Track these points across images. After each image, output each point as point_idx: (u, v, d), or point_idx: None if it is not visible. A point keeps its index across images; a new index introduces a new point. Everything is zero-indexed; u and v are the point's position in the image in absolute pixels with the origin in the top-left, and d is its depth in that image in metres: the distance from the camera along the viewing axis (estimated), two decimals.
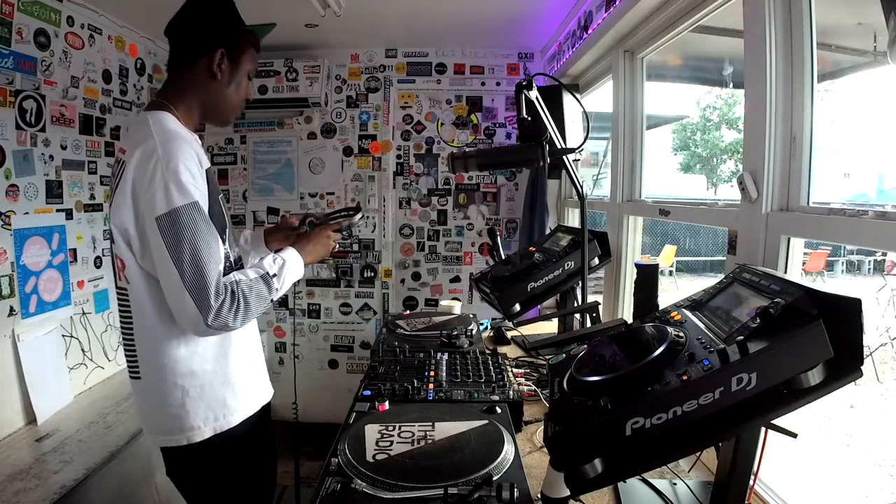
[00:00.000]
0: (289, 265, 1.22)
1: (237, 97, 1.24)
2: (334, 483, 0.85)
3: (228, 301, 1.07)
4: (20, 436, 1.88)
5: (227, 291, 1.08)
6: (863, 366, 0.65)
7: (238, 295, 1.09)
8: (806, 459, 3.12)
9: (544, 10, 2.42)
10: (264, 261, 1.20)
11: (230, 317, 1.07)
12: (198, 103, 1.21)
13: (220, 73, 1.18)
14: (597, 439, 0.69)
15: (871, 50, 1.40)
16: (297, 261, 1.25)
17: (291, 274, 1.22)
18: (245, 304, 1.10)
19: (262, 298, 1.14)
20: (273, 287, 1.16)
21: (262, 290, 1.14)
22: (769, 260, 1.12)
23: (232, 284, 1.09)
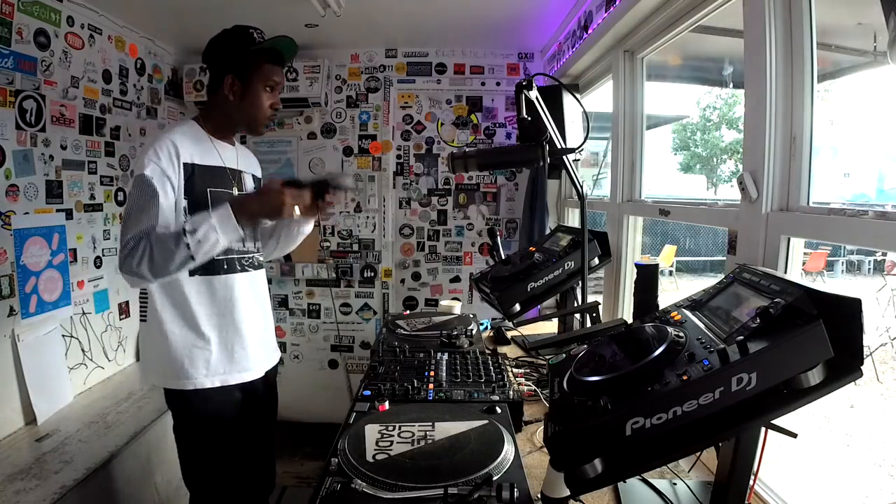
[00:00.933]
0: (215, 220, 1.28)
1: (256, 109, 1.45)
2: (334, 483, 0.85)
3: (133, 250, 1.25)
4: (20, 436, 1.88)
5: (137, 242, 1.26)
6: (863, 366, 0.65)
7: (144, 246, 1.25)
8: (806, 459, 3.12)
9: (544, 10, 2.42)
10: (196, 215, 1.32)
11: (133, 264, 1.25)
12: (224, 119, 1.49)
13: (234, 95, 1.43)
14: (597, 439, 0.69)
15: (871, 50, 1.40)
16: (225, 216, 1.29)
17: (217, 229, 1.27)
18: (150, 255, 1.25)
19: (168, 251, 1.24)
20: (183, 241, 1.25)
21: (169, 244, 1.25)
22: (769, 260, 1.12)
23: (144, 236, 1.26)
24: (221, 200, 1.37)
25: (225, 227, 1.29)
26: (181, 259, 1.25)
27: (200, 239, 1.25)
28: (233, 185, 1.50)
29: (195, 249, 1.25)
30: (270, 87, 1.46)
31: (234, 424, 1.48)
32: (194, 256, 1.26)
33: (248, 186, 1.57)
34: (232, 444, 1.47)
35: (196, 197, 1.38)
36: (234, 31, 1.44)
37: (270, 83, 1.45)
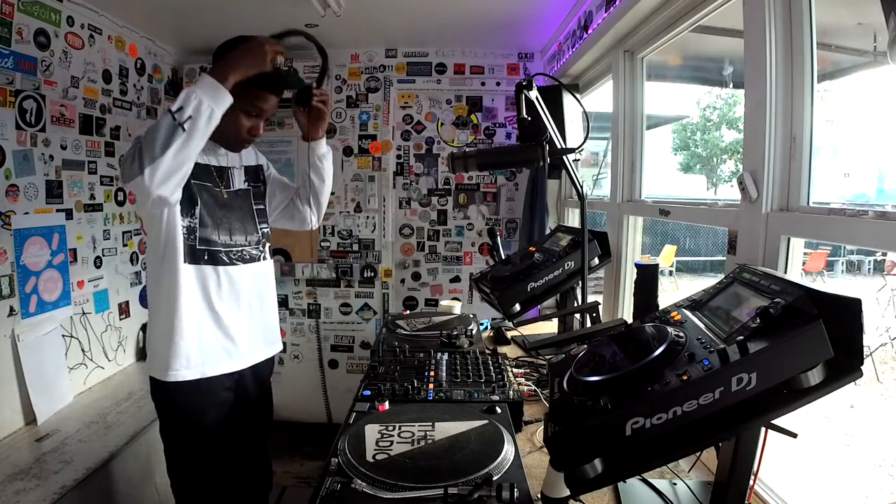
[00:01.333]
0: (197, 89, 1.20)
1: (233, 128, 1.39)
2: (334, 483, 0.85)
3: (131, 153, 1.18)
4: (20, 436, 1.88)
5: (133, 147, 1.19)
6: (863, 366, 0.65)
7: (136, 143, 1.18)
8: (806, 459, 3.12)
9: (544, 10, 2.42)
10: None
11: (129, 165, 1.17)
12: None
13: None
14: (597, 439, 0.69)
15: (871, 50, 1.40)
16: (205, 79, 1.22)
17: (198, 91, 1.19)
18: (146, 144, 1.16)
19: (154, 129, 1.16)
20: (167, 114, 1.17)
21: (160, 124, 1.17)
22: (769, 260, 1.12)
23: (137, 138, 1.20)
24: (204, 196, 1.40)
25: (205, 86, 1.20)
26: (167, 129, 1.16)
27: (182, 105, 1.17)
28: (219, 183, 1.46)
29: (179, 115, 1.16)
30: (254, 113, 1.41)
31: (220, 422, 1.45)
32: (182, 125, 1.16)
33: (238, 183, 1.53)
34: (218, 444, 1.45)
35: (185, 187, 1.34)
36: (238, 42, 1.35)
37: (254, 109, 1.40)
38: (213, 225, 1.43)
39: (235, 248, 1.49)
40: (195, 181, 1.38)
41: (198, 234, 1.40)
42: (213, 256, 1.43)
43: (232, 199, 1.49)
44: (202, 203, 1.40)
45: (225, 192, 1.47)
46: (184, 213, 1.38)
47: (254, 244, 1.54)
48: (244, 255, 1.52)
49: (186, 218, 1.38)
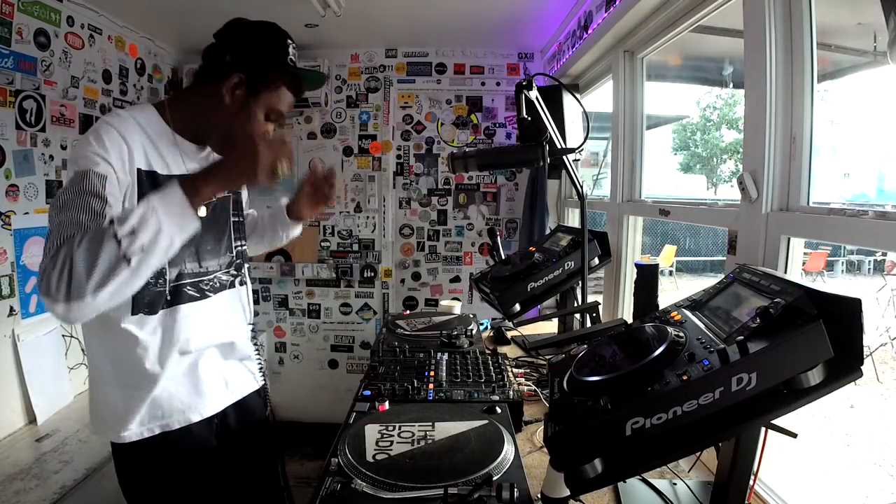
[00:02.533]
0: (156, 199, 0.90)
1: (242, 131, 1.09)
2: (334, 483, 0.85)
3: (52, 262, 0.85)
4: (20, 436, 1.88)
5: (57, 250, 0.86)
6: (863, 366, 0.65)
7: (66, 253, 0.85)
8: (806, 459, 3.12)
9: (544, 10, 2.43)
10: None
11: (52, 281, 0.84)
12: (197, 118, 1.13)
13: (231, 99, 1.09)
14: (597, 439, 0.69)
15: (871, 50, 1.40)
16: (170, 192, 0.92)
17: (159, 211, 0.89)
18: (69, 264, 0.84)
19: (92, 252, 0.84)
20: (110, 232, 0.85)
21: (100, 248, 0.85)
22: (769, 260, 1.12)
23: (67, 241, 0.87)
24: None
25: (170, 207, 0.90)
26: (109, 259, 0.85)
27: (135, 226, 0.86)
28: None
29: (127, 243, 0.85)
30: (274, 116, 1.15)
31: (201, 478, 1.17)
32: (128, 255, 0.85)
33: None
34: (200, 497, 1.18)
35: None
36: (271, 30, 1.14)
37: (276, 113, 1.15)
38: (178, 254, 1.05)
39: (205, 278, 1.18)
40: None
41: (167, 275, 1.09)
42: (176, 295, 1.12)
43: (209, 214, 1.17)
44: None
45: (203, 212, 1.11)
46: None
47: (225, 268, 1.23)
48: (214, 283, 1.20)
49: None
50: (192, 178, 0.96)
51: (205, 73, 1.13)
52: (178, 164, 1.11)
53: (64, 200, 0.93)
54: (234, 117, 1.10)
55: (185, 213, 0.92)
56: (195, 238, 1.03)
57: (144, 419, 1.11)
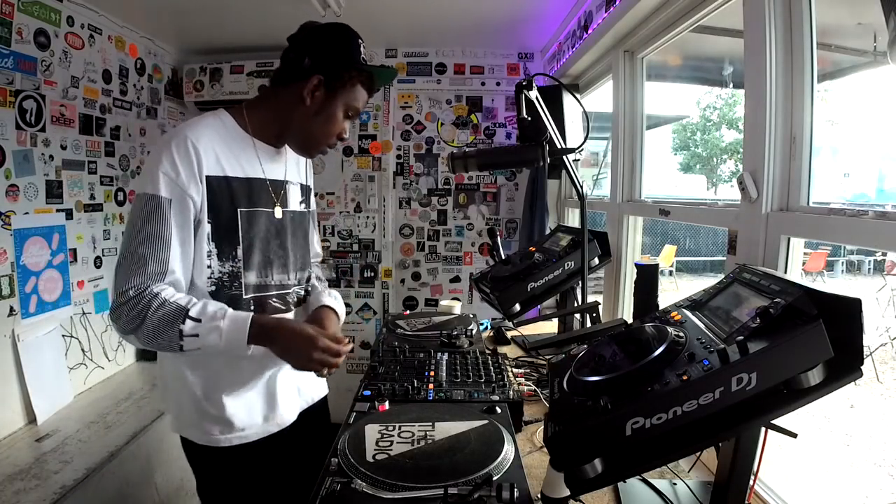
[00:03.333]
0: (225, 325, 1.01)
1: (323, 130, 1.17)
2: (334, 483, 0.85)
3: (131, 305, 0.99)
4: (20, 436, 1.88)
5: (137, 299, 1.00)
6: (863, 366, 0.65)
7: (143, 308, 0.99)
8: (806, 459, 3.12)
9: (544, 10, 2.42)
10: (211, 302, 1.05)
11: (122, 322, 1.00)
12: (277, 120, 1.18)
13: (311, 101, 1.14)
14: (597, 439, 0.69)
15: (871, 50, 1.40)
16: (237, 329, 1.02)
17: (224, 336, 1.01)
18: (142, 321, 0.99)
19: (160, 328, 1.00)
20: (177, 327, 0.99)
21: (164, 319, 1.00)
22: (769, 260, 1.12)
23: (148, 296, 1.00)
24: (258, 225, 1.15)
25: (234, 334, 1.01)
26: (167, 343, 1.01)
27: (199, 334, 1.00)
28: (275, 202, 1.20)
29: (188, 343, 1.00)
30: (352, 113, 1.19)
31: (272, 480, 1.24)
32: (183, 348, 1.01)
33: (293, 202, 1.26)
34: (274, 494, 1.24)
35: (223, 219, 1.10)
36: (345, 32, 1.19)
37: (353, 109, 1.19)
38: (262, 262, 1.17)
39: (289, 290, 1.24)
40: (243, 208, 1.12)
41: (242, 279, 1.13)
42: (261, 305, 1.17)
43: (288, 223, 1.23)
44: (252, 234, 1.14)
45: (280, 213, 1.21)
46: (222, 257, 1.11)
47: (304, 282, 1.31)
48: (293, 297, 1.25)
49: (227, 262, 1.12)
50: (262, 324, 1.04)
51: (282, 77, 1.17)
52: (255, 167, 1.16)
53: (134, 226, 1.03)
54: (314, 117, 1.15)
55: (241, 345, 1.02)
56: (279, 249, 1.20)
57: (224, 428, 1.15)
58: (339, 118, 1.17)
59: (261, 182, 1.17)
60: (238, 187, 1.12)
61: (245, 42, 2.84)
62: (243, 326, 1.02)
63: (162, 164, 1.03)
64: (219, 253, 1.11)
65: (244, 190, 1.13)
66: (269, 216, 1.18)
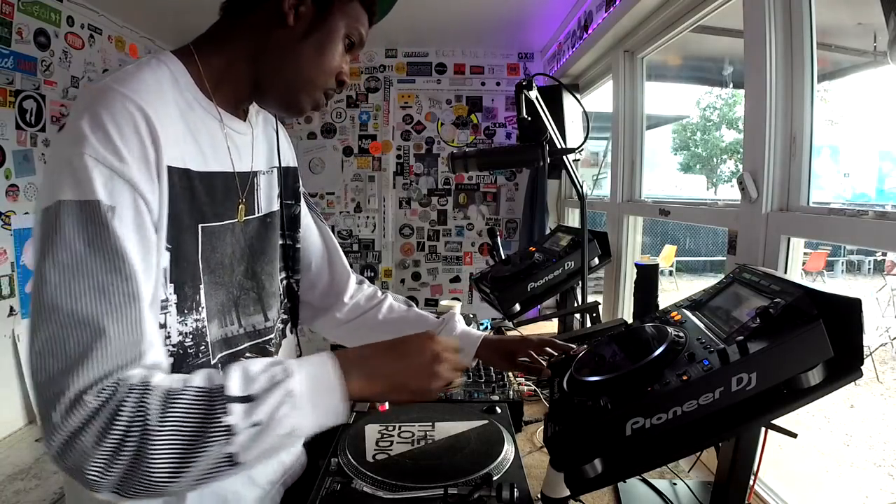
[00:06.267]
0: (298, 384, 0.59)
1: (317, 63, 0.74)
2: (334, 483, 0.85)
3: (99, 431, 0.51)
4: (20, 436, 1.88)
5: (108, 409, 0.52)
6: (863, 366, 0.65)
7: (130, 424, 0.52)
8: (806, 459, 3.12)
9: (544, 10, 2.43)
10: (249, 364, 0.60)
11: (91, 465, 0.51)
12: (244, 64, 0.73)
13: (296, 19, 0.72)
14: (597, 439, 0.69)
15: (871, 50, 1.40)
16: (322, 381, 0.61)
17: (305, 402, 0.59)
18: (138, 449, 0.51)
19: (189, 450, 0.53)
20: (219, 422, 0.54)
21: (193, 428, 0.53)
22: (769, 260, 1.12)
23: (124, 387, 0.53)
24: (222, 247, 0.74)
25: (318, 401, 0.60)
26: (203, 468, 0.54)
27: (263, 421, 0.55)
28: (238, 203, 0.77)
29: (246, 446, 0.55)
30: (351, 41, 0.78)
31: None
32: (238, 460, 0.55)
33: (265, 201, 0.84)
34: None
35: (184, 244, 0.67)
36: None
37: (356, 34, 0.78)
38: (225, 303, 0.75)
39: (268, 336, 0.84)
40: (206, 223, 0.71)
41: (208, 336, 0.72)
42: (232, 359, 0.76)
43: (255, 234, 0.81)
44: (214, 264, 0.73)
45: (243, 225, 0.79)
46: (183, 307, 0.68)
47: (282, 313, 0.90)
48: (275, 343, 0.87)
49: (189, 315, 0.69)
50: (347, 358, 0.65)
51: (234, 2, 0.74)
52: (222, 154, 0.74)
53: (61, 267, 0.54)
54: (302, 42, 0.73)
55: (337, 405, 0.62)
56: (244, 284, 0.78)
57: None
58: (339, 46, 0.76)
59: (229, 178, 0.75)
60: (200, 188, 0.70)
61: None
62: (330, 373, 0.62)
63: (88, 143, 0.57)
64: (179, 302, 0.67)
65: (208, 193, 0.71)
66: (233, 230, 0.76)
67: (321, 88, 0.77)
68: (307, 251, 0.99)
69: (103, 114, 0.59)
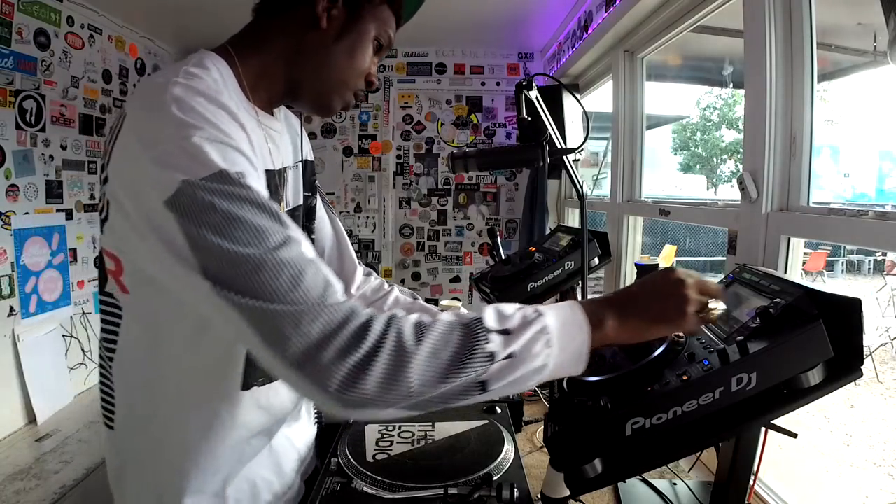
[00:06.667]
0: (552, 321, 0.61)
1: (349, 64, 0.78)
2: (334, 483, 0.85)
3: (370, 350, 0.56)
4: (20, 436, 1.88)
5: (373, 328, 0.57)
6: (863, 366, 0.65)
7: (397, 342, 0.57)
8: (806, 459, 3.12)
9: (544, 10, 2.43)
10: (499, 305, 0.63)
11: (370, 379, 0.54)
12: (279, 67, 0.77)
13: (328, 22, 0.75)
14: (597, 439, 0.69)
15: (871, 50, 1.40)
16: (572, 322, 0.62)
17: (554, 342, 0.60)
18: (405, 364, 0.56)
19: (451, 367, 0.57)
20: (479, 344, 0.58)
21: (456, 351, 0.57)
22: (769, 260, 1.12)
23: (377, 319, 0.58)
24: None
25: (567, 342, 0.61)
26: (463, 385, 0.58)
27: (517, 354, 0.58)
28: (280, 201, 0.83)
29: (497, 376, 0.59)
30: (380, 43, 0.82)
31: None
32: (488, 388, 0.59)
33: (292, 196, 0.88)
34: None
35: None
36: None
37: (384, 37, 0.82)
38: None
39: None
40: None
41: None
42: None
43: None
44: None
45: None
46: None
47: None
48: None
49: None
50: (593, 301, 0.65)
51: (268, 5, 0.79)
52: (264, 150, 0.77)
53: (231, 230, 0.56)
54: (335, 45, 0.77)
55: (581, 356, 0.62)
56: None
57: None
58: (369, 48, 0.80)
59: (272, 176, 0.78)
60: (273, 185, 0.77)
61: None
62: (577, 316, 0.62)
63: (191, 126, 0.59)
64: None
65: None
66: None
67: (352, 89, 0.81)
68: (320, 242, 1.01)
69: (190, 101, 0.61)
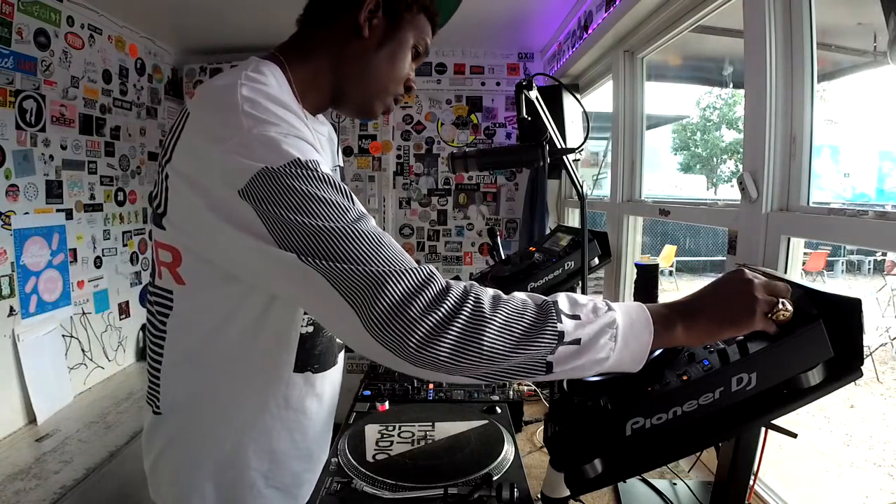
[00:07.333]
0: (621, 317, 0.63)
1: (390, 70, 0.84)
2: (334, 483, 0.85)
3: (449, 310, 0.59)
4: (20, 436, 1.88)
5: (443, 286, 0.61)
6: (863, 366, 0.65)
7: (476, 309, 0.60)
8: (806, 459, 3.12)
9: (544, 10, 2.42)
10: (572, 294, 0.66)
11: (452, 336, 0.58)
12: (325, 75, 0.83)
13: (370, 31, 0.81)
14: (597, 439, 0.69)
15: (871, 50, 1.40)
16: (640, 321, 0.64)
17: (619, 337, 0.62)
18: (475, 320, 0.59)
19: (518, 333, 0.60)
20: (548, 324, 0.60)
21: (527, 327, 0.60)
22: (769, 260, 1.12)
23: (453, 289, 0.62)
24: None
25: (631, 340, 0.63)
26: (529, 359, 0.60)
27: (584, 342, 0.61)
28: None
29: (562, 360, 0.61)
30: (418, 51, 0.89)
31: None
32: (552, 370, 0.61)
33: None
34: None
35: None
36: None
37: (422, 44, 0.88)
38: None
39: None
40: None
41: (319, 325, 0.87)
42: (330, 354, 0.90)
43: None
44: None
45: None
46: None
47: None
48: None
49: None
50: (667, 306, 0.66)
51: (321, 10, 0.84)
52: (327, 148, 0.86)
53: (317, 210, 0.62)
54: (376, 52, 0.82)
55: (642, 356, 0.64)
56: None
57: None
58: (408, 55, 0.86)
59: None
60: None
61: (245, 42, 2.84)
62: (644, 316, 0.64)
63: (266, 122, 0.65)
64: None
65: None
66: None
67: (392, 94, 0.88)
68: None
69: (260, 100, 0.66)
